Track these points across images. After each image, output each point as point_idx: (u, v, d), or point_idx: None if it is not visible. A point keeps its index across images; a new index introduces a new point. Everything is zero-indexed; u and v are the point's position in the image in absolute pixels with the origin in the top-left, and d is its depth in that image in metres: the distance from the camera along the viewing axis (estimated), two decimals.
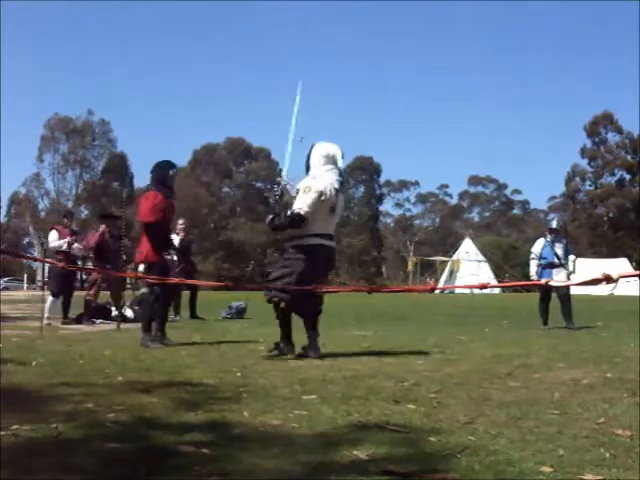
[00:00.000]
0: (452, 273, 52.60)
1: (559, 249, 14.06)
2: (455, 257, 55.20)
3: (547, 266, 13.99)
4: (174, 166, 10.07)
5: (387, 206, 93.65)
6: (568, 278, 13.88)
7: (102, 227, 14.86)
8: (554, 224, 15.02)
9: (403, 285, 57.71)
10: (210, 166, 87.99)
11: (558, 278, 13.66)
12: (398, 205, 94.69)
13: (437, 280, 51.42)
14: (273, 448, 3.64)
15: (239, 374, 6.41)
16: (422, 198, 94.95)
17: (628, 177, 79.91)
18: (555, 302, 13.70)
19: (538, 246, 14.33)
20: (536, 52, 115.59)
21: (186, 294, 16.36)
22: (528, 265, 14.83)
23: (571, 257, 14.18)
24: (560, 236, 14.44)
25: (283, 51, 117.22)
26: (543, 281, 13.22)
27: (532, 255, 14.40)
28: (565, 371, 6.69)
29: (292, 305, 7.97)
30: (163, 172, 9.72)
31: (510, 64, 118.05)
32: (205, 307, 16.79)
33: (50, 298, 14.28)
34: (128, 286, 16.38)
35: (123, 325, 12.96)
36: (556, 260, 13.93)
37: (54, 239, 14.76)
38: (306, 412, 4.59)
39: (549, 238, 14.23)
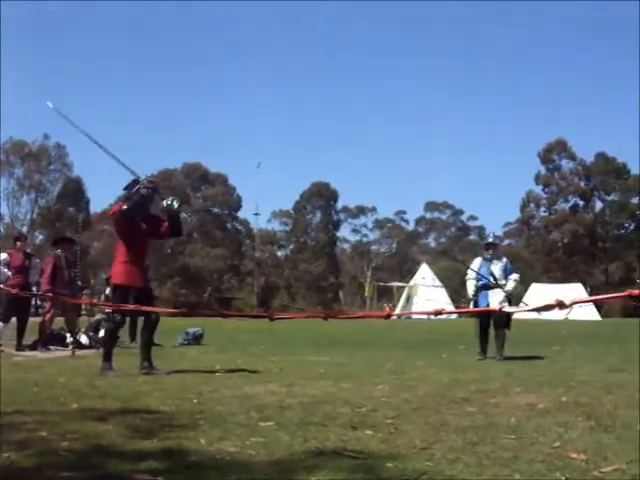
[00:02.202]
0: (409, 298, 52.73)
1: (497, 268, 12.86)
2: (412, 282, 55.38)
3: (482, 287, 12.82)
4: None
5: (344, 232, 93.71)
6: (507, 299, 12.66)
7: (57, 251, 14.67)
8: (490, 239, 14.34)
9: (360, 311, 57.78)
10: (167, 191, 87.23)
11: (494, 299, 12.46)
12: (355, 231, 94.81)
13: (394, 305, 51.52)
14: (230, 476, 3.61)
15: (196, 401, 6.37)
16: (379, 224, 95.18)
17: (582, 203, 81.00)
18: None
19: (474, 265, 13.20)
20: (491, 79, 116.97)
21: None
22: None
23: (513, 276, 12.95)
24: (498, 253, 13.49)
25: (239, 78, 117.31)
26: (497, 307, 11.91)
27: (468, 276, 13.25)
28: (521, 396, 6.74)
29: None
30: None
31: (466, 90, 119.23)
32: (162, 333, 16.63)
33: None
34: (83, 312, 16.20)
35: (78, 352, 12.79)
36: (492, 280, 12.74)
37: (4, 262, 14.42)
38: (263, 439, 4.57)
39: (487, 255, 13.09)
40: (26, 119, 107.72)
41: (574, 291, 43.07)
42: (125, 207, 9.01)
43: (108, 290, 9.33)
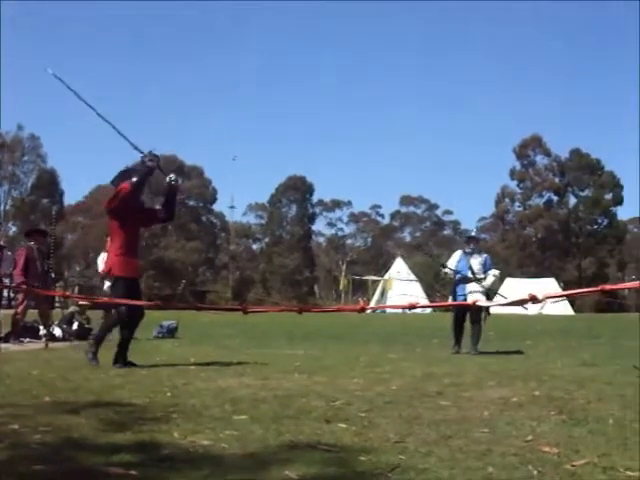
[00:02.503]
0: (384, 292, 52.84)
1: (476, 262, 12.88)
2: (387, 276, 55.48)
3: (460, 281, 12.86)
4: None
5: (319, 226, 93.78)
6: (486, 295, 12.75)
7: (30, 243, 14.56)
8: (472, 233, 14.34)
9: (335, 304, 57.83)
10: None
11: (473, 294, 12.46)
12: (330, 225, 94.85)
13: (369, 299, 51.62)
14: (203, 469, 3.60)
15: (169, 394, 6.34)
16: (354, 218, 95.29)
17: (556, 199, 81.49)
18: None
19: (454, 259, 13.24)
20: (467, 74, 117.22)
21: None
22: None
23: (492, 272, 12.99)
24: (479, 247, 13.56)
25: (215, 71, 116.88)
26: (470, 301, 11.99)
27: (446, 270, 13.18)
28: (494, 390, 6.77)
29: None
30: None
31: (441, 84, 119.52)
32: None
33: None
34: (56, 305, 16.09)
35: (51, 344, 12.71)
36: (470, 274, 12.77)
37: None
38: (237, 432, 4.56)
39: (468, 249, 13.15)
40: None
41: (548, 286, 43.39)
42: (135, 180, 8.96)
43: (107, 285, 9.12)
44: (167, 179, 9.38)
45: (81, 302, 16.03)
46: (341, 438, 4.44)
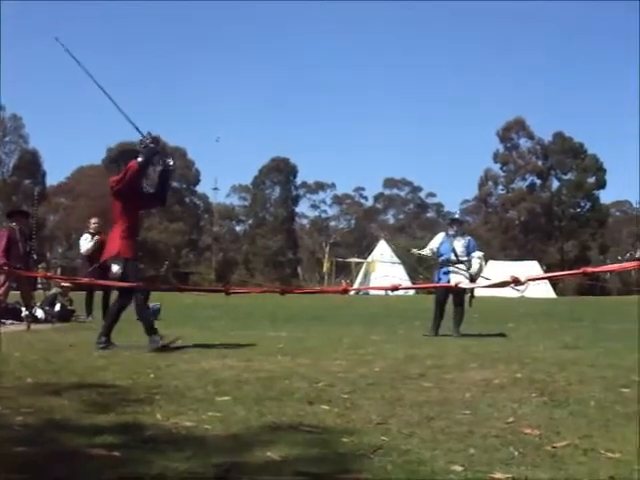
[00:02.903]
0: (367, 275, 52.89)
1: (459, 245, 12.77)
2: (370, 259, 55.53)
3: (443, 263, 12.73)
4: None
5: (303, 207, 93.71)
6: (470, 277, 12.55)
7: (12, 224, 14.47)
8: (456, 215, 14.13)
9: (319, 286, 57.89)
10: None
11: (456, 277, 12.37)
12: (314, 207, 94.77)
13: (352, 281, 51.66)
14: (185, 450, 3.61)
15: (152, 375, 6.34)
16: (338, 200, 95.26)
17: (539, 182, 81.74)
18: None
19: (436, 241, 13.09)
20: (451, 57, 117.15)
21: (99, 294, 16.10)
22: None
23: (476, 254, 12.82)
24: (462, 230, 13.42)
25: (197, 53, 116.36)
26: (453, 283, 11.66)
27: (427, 250, 13.14)
28: (476, 371, 6.80)
29: None
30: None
31: (425, 67, 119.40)
32: None
33: None
34: (39, 286, 16.04)
35: (33, 326, 12.67)
36: (453, 257, 12.66)
37: None
38: (220, 413, 4.57)
39: (451, 232, 12.94)
40: None
41: (530, 269, 43.50)
42: (141, 159, 8.89)
43: (116, 268, 8.91)
44: (166, 162, 9.30)
45: (63, 284, 15.98)
46: (324, 419, 4.46)
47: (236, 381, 6.00)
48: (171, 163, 9.32)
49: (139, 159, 8.91)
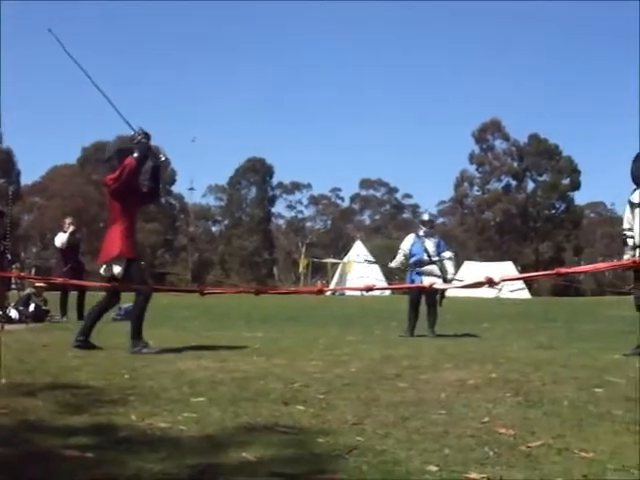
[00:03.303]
0: (343, 275, 52.93)
1: (430, 245, 12.95)
2: (346, 259, 55.56)
3: (416, 263, 12.86)
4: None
5: (279, 208, 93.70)
6: (442, 277, 12.70)
7: None
8: (426, 216, 14.14)
9: (294, 287, 57.86)
10: (100, 164, 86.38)
11: (428, 277, 12.43)
12: (290, 207, 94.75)
13: (328, 282, 51.68)
14: (160, 451, 3.59)
15: (127, 376, 6.31)
16: (314, 200, 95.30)
17: (514, 183, 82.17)
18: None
19: (408, 242, 13.18)
20: (427, 57, 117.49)
21: (73, 294, 16.01)
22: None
23: (446, 254, 13.06)
24: (433, 230, 13.54)
25: (175, 52, 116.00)
26: (427, 284, 11.61)
27: (400, 251, 13.27)
28: (452, 372, 6.82)
29: None
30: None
31: (402, 68, 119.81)
32: None
33: None
34: (13, 286, 15.92)
35: (7, 326, 12.59)
36: (425, 257, 12.83)
37: None
38: (195, 414, 4.55)
39: (421, 232, 13.15)
40: None
41: (506, 270, 43.70)
42: (137, 155, 8.76)
43: (118, 269, 8.68)
44: (158, 157, 9.18)
45: (38, 284, 15.88)
46: (299, 420, 4.46)
47: (211, 382, 5.98)
48: (163, 158, 9.17)
49: (135, 155, 8.76)
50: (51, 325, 13.87)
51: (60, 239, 15.72)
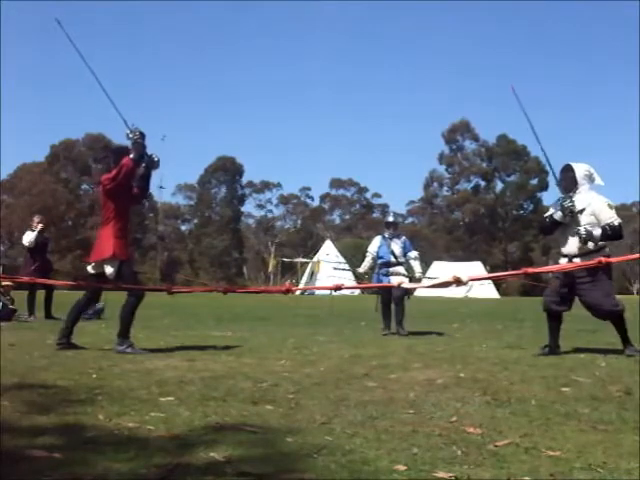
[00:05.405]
0: (312, 274, 53.03)
1: (397, 246, 13.07)
2: (316, 259, 55.65)
3: (383, 265, 13.01)
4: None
5: (249, 207, 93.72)
6: (408, 277, 12.97)
7: None
8: (390, 218, 14.06)
9: (264, 286, 57.82)
10: (69, 162, 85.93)
11: (396, 278, 12.62)
12: (260, 206, 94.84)
13: (298, 281, 51.76)
14: (128, 451, 3.58)
15: (95, 376, 6.27)
16: (284, 200, 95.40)
17: (483, 184, 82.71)
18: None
19: (375, 244, 13.31)
20: (397, 58, 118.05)
21: (41, 293, 15.89)
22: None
23: (412, 254, 13.20)
24: (398, 232, 13.60)
25: (147, 49, 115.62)
26: (395, 283, 11.83)
27: (368, 254, 13.36)
28: (420, 371, 6.85)
29: None
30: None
31: (373, 68, 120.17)
32: (61, 307, 16.33)
33: None
34: None
35: None
36: (392, 259, 12.96)
37: None
38: (163, 414, 4.53)
39: (387, 234, 13.23)
40: None
41: (474, 269, 44.02)
42: (133, 155, 8.65)
43: (110, 270, 8.57)
44: (151, 158, 9.06)
45: (5, 282, 15.73)
46: (268, 420, 4.45)
47: (180, 381, 5.96)
48: (156, 159, 9.09)
49: (132, 156, 8.68)
50: (18, 324, 13.73)
51: (28, 238, 15.59)
